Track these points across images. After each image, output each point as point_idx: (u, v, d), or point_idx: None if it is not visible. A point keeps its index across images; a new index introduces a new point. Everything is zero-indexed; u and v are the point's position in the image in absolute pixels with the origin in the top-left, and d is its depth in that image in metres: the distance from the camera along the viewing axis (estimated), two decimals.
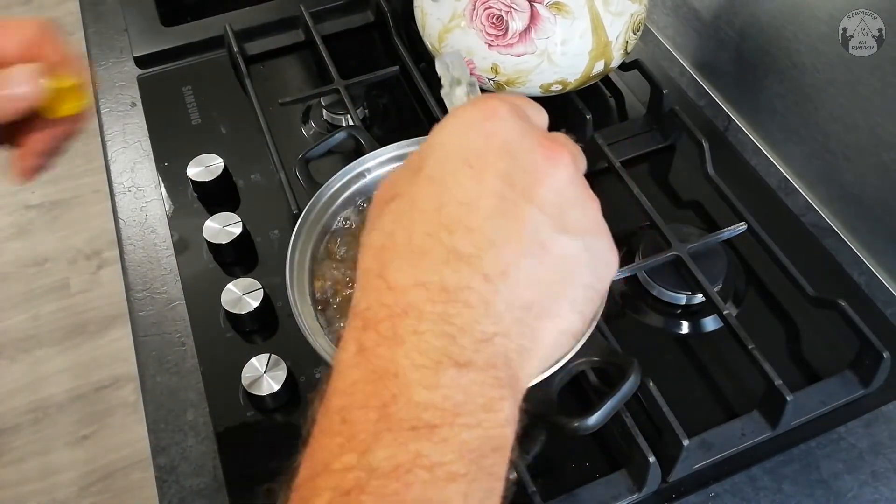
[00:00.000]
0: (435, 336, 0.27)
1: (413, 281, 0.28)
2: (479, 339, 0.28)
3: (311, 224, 0.51)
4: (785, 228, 0.65)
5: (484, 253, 0.28)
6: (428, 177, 0.30)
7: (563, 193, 0.31)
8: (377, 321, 0.28)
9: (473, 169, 0.29)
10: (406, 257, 0.29)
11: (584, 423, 0.42)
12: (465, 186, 0.29)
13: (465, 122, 0.31)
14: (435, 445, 0.25)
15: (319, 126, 0.76)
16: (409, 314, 0.27)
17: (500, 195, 0.29)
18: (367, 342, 0.27)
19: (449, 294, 0.27)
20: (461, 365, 0.27)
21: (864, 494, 0.51)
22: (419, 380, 0.26)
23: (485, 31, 0.63)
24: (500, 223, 0.29)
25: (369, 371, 0.27)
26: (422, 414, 0.26)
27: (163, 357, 0.60)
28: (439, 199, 0.29)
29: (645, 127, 0.74)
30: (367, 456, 0.25)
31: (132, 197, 0.71)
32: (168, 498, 0.53)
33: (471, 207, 0.29)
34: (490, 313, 0.28)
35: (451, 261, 0.28)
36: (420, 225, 0.29)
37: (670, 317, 0.60)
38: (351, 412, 0.26)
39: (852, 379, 0.55)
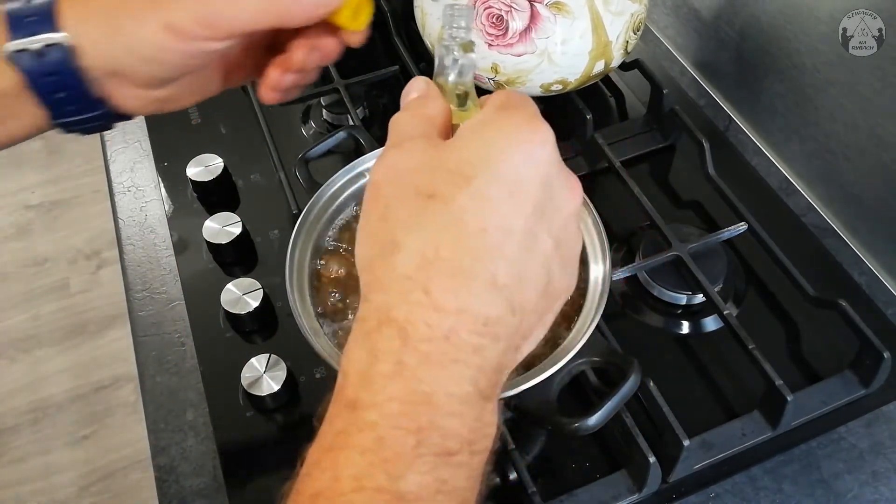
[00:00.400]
0: (467, 367, 0.28)
1: (458, 306, 0.28)
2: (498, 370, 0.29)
3: (311, 224, 0.51)
4: (785, 228, 0.65)
5: (514, 287, 0.29)
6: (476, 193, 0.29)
7: (570, 226, 0.32)
8: (419, 339, 0.28)
9: (516, 195, 0.29)
10: (455, 278, 0.28)
11: (585, 424, 0.42)
12: (507, 214, 0.29)
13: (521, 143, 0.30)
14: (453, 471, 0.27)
15: (319, 126, 0.76)
16: (450, 340, 0.28)
17: (531, 229, 0.30)
18: (408, 361, 0.28)
19: (487, 326, 0.28)
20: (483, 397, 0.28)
21: (864, 494, 0.51)
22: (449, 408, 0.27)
23: (485, 30, 0.63)
24: (528, 256, 0.30)
25: (408, 391, 0.27)
26: (447, 442, 0.27)
27: (163, 357, 0.60)
28: (484, 222, 0.29)
29: (645, 127, 0.74)
30: (399, 482, 0.26)
31: (132, 197, 0.71)
32: (168, 498, 0.53)
33: (508, 237, 0.29)
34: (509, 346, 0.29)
35: (492, 290, 0.28)
36: (467, 245, 0.29)
37: (670, 317, 0.60)
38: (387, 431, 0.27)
39: (853, 379, 0.55)
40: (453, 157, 0.30)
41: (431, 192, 0.29)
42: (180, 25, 0.35)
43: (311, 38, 0.39)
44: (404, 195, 0.30)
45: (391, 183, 0.31)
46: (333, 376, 0.30)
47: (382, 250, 0.30)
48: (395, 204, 0.30)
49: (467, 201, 0.29)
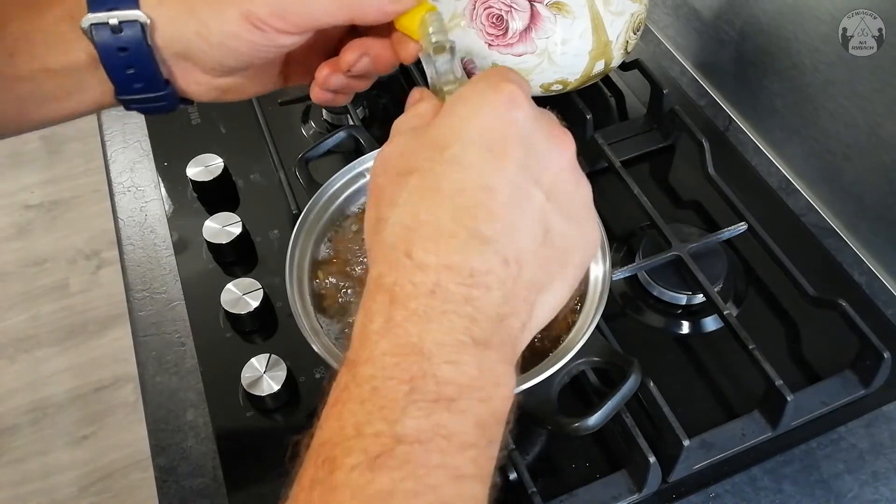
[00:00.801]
0: (458, 316, 0.29)
1: (441, 262, 0.30)
2: (495, 319, 0.30)
3: (311, 224, 0.51)
4: (785, 228, 0.65)
5: (503, 239, 0.30)
6: (450, 158, 0.31)
7: (565, 178, 0.33)
8: (406, 298, 0.29)
9: (493, 154, 0.31)
10: (434, 238, 0.30)
11: (585, 424, 0.42)
12: (485, 172, 0.31)
13: (487, 106, 0.32)
14: (452, 416, 0.28)
15: (319, 126, 0.76)
16: (436, 294, 0.29)
17: (515, 183, 0.31)
18: (396, 316, 0.29)
19: (474, 277, 0.29)
20: (480, 344, 0.29)
21: (864, 495, 0.51)
22: (442, 357, 0.28)
23: (485, 30, 0.63)
24: (514, 210, 0.31)
25: (398, 345, 0.29)
26: (443, 388, 0.28)
27: (163, 357, 0.60)
28: (462, 183, 0.31)
29: (645, 127, 0.74)
30: (395, 425, 0.27)
31: (132, 197, 0.71)
32: (168, 498, 0.53)
33: (492, 193, 0.30)
34: (505, 295, 0.30)
35: (476, 244, 0.30)
36: (445, 207, 0.30)
37: (670, 317, 0.60)
38: (381, 382, 0.28)
39: (853, 379, 0.55)
40: (429, 135, 0.33)
41: (411, 169, 0.32)
42: (257, 15, 0.36)
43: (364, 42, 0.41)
44: (389, 178, 0.33)
45: (381, 173, 0.34)
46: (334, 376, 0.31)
47: (374, 229, 0.33)
48: (383, 188, 0.33)
49: (443, 168, 0.31)
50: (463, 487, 0.28)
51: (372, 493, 0.26)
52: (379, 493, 0.26)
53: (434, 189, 0.31)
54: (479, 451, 0.28)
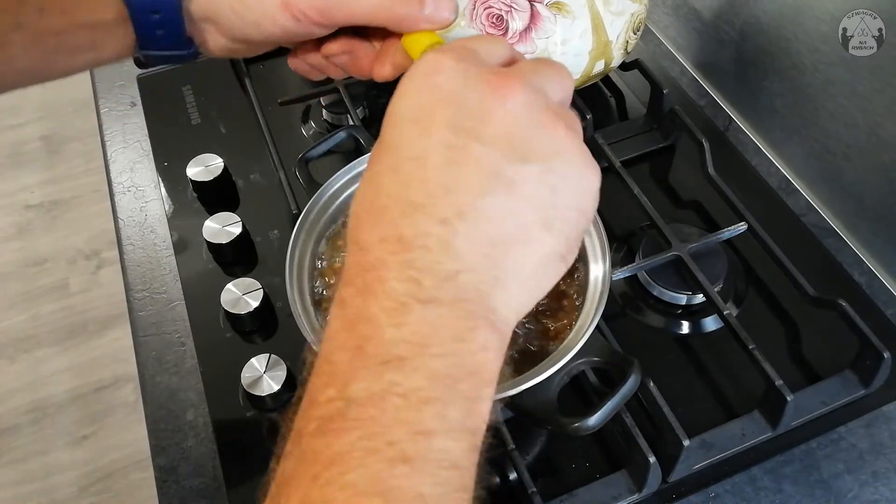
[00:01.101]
0: (399, 282, 0.29)
1: (376, 238, 0.30)
2: (443, 277, 0.30)
3: (311, 224, 0.51)
4: (785, 228, 0.65)
5: (438, 200, 0.30)
6: (385, 143, 0.32)
7: (516, 124, 0.31)
8: (352, 277, 0.31)
9: (419, 124, 0.31)
10: (371, 218, 0.31)
11: (585, 424, 0.42)
12: (413, 143, 0.31)
13: (411, 83, 0.32)
14: (406, 374, 0.28)
15: (319, 126, 0.76)
16: (376, 267, 0.30)
17: (447, 144, 0.31)
18: (345, 296, 0.31)
19: (405, 243, 0.30)
20: (426, 302, 0.29)
21: (864, 495, 0.51)
22: (388, 321, 0.29)
23: (485, 30, 0.63)
24: (451, 170, 0.30)
25: (346, 320, 0.30)
26: (392, 349, 0.28)
27: (163, 357, 0.60)
28: (395, 161, 0.31)
29: (645, 127, 0.74)
30: (345, 389, 0.28)
31: (132, 197, 0.71)
32: (168, 498, 0.53)
33: (421, 161, 0.31)
34: (451, 253, 0.30)
35: (408, 213, 0.30)
36: (383, 188, 0.31)
37: (670, 317, 0.60)
38: (333, 354, 0.30)
39: (853, 379, 0.55)
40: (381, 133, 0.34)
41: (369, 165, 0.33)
42: (298, 6, 0.37)
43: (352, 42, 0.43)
44: None
45: None
46: None
47: None
48: None
49: (380, 155, 0.32)
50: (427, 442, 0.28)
51: (331, 455, 0.27)
52: (337, 454, 0.27)
53: (375, 176, 0.32)
54: (444, 406, 0.28)
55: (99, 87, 0.82)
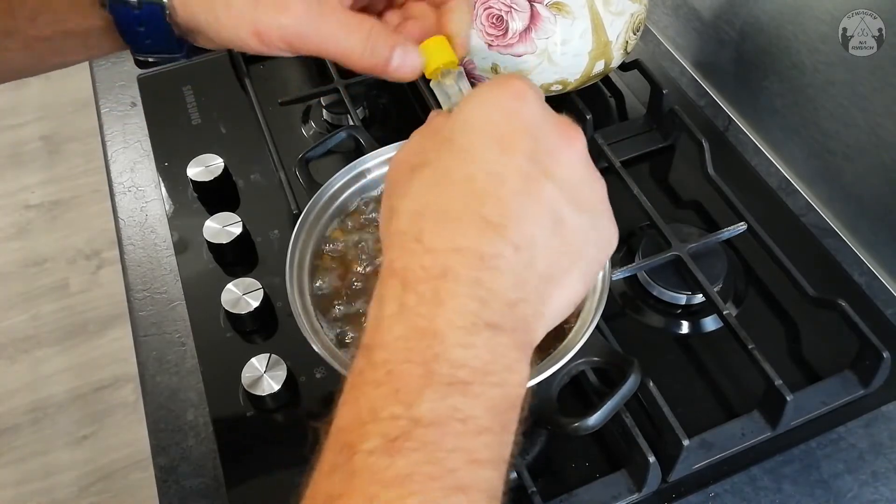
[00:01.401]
0: (470, 299, 0.29)
1: (450, 246, 0.30)
2: (507, 304, 0.30)
3: (311, 224, 0.51)
4: (785, 228, 0.65)
5: (513, 224, 0.30)
6: (459, 149, 0.32)
7: (576, 172, 0.33)
8: (417, 282, 0.30)
9: (502, 144, 0.31)
10: (442, 223, 0.30)
11: (585, 424, 0.42)
12: (493, 161, 0.31)
13: (494, 101, 0.33)
14: (467, 400, 0.28)
15: (319, 126, 0.76)
16: (447, 277, 0.29)
17: (524, 172, 0.31)
18: (407, 301, 0.29)
19: (483, 260, 0.30)
20: (492, 327, 0.29)
21: (864, 494, 0.51)
22: (456, 339, 0.28)
23: (485, 31, 0.63)
24: (524, 199, 0.31)
25: (411, 329, 0.29)
26: (457, 371, 0.28)
27: (163, 357, 0.60)
28: (470, 171, 0.31)
29: (645, 127, 0.74)
30: (412, 408, 0.27)
31: (132, 197, 0.71)
32: (168, 498, 0.53)
33: (501, 180, 0.31)
34: (517, 281, 0.30)
35: (485, 229, 0.30)
36: (454, 193, 0.31)
37: (670, 317, 0.60)
38: (396, 366, 0.28)
39: (852, 379, 0.55)
40: (441, 132, 0.33)
41: (423, 163, 0.33)
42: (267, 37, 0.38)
43: None
44: (402, 173, 0.34)
45: (394, 170, 0.35)
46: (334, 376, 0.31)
47: (387, 220, 0.33)
48: (397, 182, 0.34)
49: (452, 159, 0.32)
50: (479, 472, 0.28)
51: (391, 477, 0.26)
52: (398, 476, 0.26)
53: (444, 178, 0.32)
54: (493, 437, 0.28)
55: (99, 87, 0.82)
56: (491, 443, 0.28)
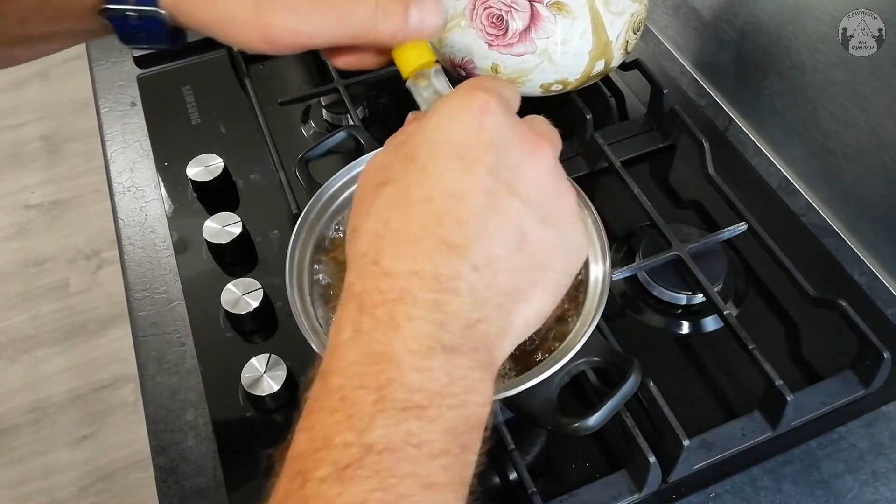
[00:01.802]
0: (427, 322, 0.29)
1: (408, 268, 0.30)
2: (465, 325, 0.30)
3: (311, 224, 0.51)
4: (785, 228, 0.65)
5: (473, 244, 0.30)
6: (420, 167, 0.31)
7: (543, 185, 0.32)
8: (373, 305, 0.30)
9: (463, 162, 0.31)
10: (401, 245, 0.30)
11: (585, 424, 0.42)
12: (454, 179, 0.31)
13: (457, 115, 0.32)
14: (422, 424, 0.28)
15: (319, 126, 0.76)
16: (403, 300, 0.29)
17: (487, 189, 0.31)
18: (363, 325, 0.29)
19: (441, 283, 0.29)
20: (449, 350, 0.29)
21: (864, 494, 0.51)
22: (412, 364, 0.28)
23: (485, 30, 0.63)
24: (486, 217, 0.31)
25: (366, 354, 0.29)
26: (413, 396, 0.28)
27: (163, 357, 0.60)
28: (431, 190, 0.31)
29: (645, 127, 0.74)
30: (364, 435, 0.27)
31: (132, 197, 0.71)
32: (168, 498, 0.53)
33: (460, 200, 0.30)
34: (476, 301, 0.30)
35: (443, 250, 0.30)
36: (414, 214, 0.31)
37: (670, 317, 0.60)
38: (350, 392, 0.28)
39: (853, 379, 0.55)
40: (405, 147, 0.33)
41: (386, 179, 0.32)
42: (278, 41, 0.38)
43: None
44: (367, 190, 0.33)
45: (361, 186, 0.34)
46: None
47: (350, 240, 0.33)
48: (361, 199, 0.34)
49: (413, 177, 0.31)
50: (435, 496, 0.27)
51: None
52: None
53: (404, 198, 0.31)
54: (451, 459, 0.28)
55: (99, 87, 0.82)
56: (449, 465, 0.28)
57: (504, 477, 0.51)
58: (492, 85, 0.33)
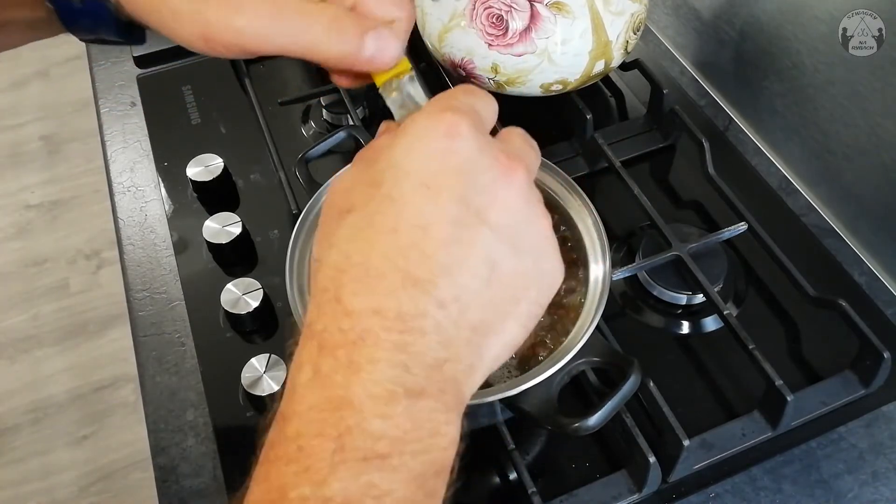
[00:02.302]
0: (389, 365, 0.27)
1: (370, 306, 0.28)
2: (431, 365, 0.28)
3: (311, 224, 0.51)
4: (785, 228, 0.65)
5: (439, 279, 0.28)
6: (385, 195, 0.30)
7: (516, 212, 0.31)
8: (334, 346, 0.28)
9: (430, 190, 0.29)
10: (363, 281, 0.29)
11: (585, 424, 0.42)
12: (421, 209, 0.29)
13: (423, 139, 0.30)
14: (384, 475, 0.26)
15: (319, 126, 0.76)
16: (365, 341, 0.27)
17: (455, 219, 0.29)
18: (323, 367, 0.28)
19: (405, 322, 0.28)
20: (413, 394, 0.27)
21: (864, 494, 0.51)
22: (373, 410, 0.27)
23: (485, 30, 0.63)
24: (453, 249, 0.29)
25: (325, 398, 0.27)
26: (374, 444, 0.26)
27: (163, 357, 0.60)
28: (396, 221, 0.29)
29: (645, 127, 0.74)
30: (322, 488, 0.26)
31: (132, 197, 0.71)
32: (168, 498, 0.53)
33: (426, 231, 0.29)
34: (442, 339, 0.28)
35: (408, 286, 0.28)
36: (377, 247, 0.29)
37: (670, 317, 0.60)
38: (308, 440, 0.27)
39: (853, 379, 0.55)
40: (371, 170, 0.31)
41: (349, 206, 0.30)
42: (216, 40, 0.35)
43: None
44: (331, 216, 0.31)
45: (325, 210, 0.32)
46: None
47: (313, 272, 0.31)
48: (324, 226, 0.32)
49: (377, 206, 0.30)
50: None
51: None
52: None
53: (368, 228, 0.29)
54: None
55: (99, 87, 0.82)
56: None
57: (504, 477, 0.52)
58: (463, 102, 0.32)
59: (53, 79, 2.17)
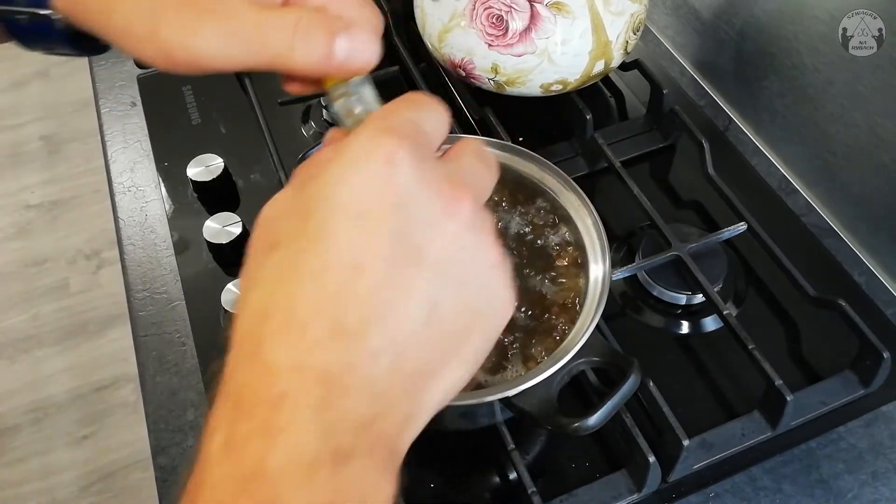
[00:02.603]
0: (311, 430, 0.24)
1: (291, 362, 0.25)
2: (360, 425, 0.25)
3: None
4: (785, 228, 0.65)
5: (372, 327, 0.26)
6: (315, 228, 0.27)
7: (460, 245, 0.28)
8: (250, 406, 0.25)
9: (364, 225, 0.26)
10: (284, 332, 0.26)
11: (585, 424, 0.42)
12: (352, 247, 0.26)
13: (358, 167, 0.27)
14: None
15: (319, 126, 0.76)
16: (283, 404, 0.25)
17: (390, 258, 0.26)
18: (238, 430, 0.25)
19: (330, 379, 0.25)
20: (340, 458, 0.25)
21: (864, 494, 0.51)
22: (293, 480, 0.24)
23: (485, 30, 0.63)
24: (389, 292, 0.26)
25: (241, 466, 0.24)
26: None
27: (163, 357, 0.60)
28: (325, 261, 0.26)
29: (645, 127, 0.74)
30: None
31: (132, 197, 0.71)
32: (168, 498, 0.53)
33: (358, 272, 0.26)
34: (374, 394, 0.26)
35: (336, 337, 0.25)
36: (302, 290, 0.26)
37: (670, 317, 0.60)
38: None
39: (852, 379, 0.55)
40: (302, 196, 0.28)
41: (276, 240, 0.27)
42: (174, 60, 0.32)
43: None
44: (256, 249, 0.28)
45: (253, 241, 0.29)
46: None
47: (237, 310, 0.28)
48: (250, 260, 0.28)
49: (306, 241, 0.26)
50: None
51: None
52: None
53: (295, 267, 0.26)
54: None
55: (99, 87, 0.82)
56: None
57: (504, 477, 0.52)
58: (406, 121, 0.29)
59: (53, 79, 2.17)
